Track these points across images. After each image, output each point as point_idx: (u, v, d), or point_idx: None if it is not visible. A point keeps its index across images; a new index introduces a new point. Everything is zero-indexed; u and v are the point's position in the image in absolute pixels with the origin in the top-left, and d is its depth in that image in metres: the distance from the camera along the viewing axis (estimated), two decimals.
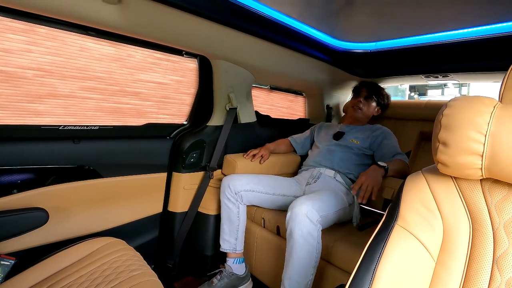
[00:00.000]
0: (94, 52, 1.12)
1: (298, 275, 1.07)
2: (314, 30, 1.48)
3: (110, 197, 1.30)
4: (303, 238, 1.06)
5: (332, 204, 1.21)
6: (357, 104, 1.68)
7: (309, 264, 1.07)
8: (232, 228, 1.36)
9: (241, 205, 1.37)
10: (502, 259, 0.50)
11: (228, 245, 1.36)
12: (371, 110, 1.71)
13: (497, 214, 0.53)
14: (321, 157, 1.55)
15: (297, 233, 1.06)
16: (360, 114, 1.68)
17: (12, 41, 0.95)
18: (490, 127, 0.49)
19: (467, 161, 0.51)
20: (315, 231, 1.08)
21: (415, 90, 10.23)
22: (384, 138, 1.52)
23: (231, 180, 1.36)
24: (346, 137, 1.58)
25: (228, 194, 1.35)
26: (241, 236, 1.38)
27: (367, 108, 1.69)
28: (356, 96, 1.73)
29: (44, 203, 1.09)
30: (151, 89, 1.34)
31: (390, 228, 0.60)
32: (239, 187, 1.34)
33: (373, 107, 1.71)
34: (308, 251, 1.07)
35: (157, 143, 1.42)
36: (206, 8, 1.07)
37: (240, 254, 1.39)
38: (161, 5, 0.97)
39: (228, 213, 1.37)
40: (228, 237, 1.37)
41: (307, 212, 1.07)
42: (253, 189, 1.36)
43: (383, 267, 0.55)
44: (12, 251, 1.02)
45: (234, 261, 1.36)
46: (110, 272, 0.92)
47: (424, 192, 0.61)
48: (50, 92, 1.07)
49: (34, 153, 1.08)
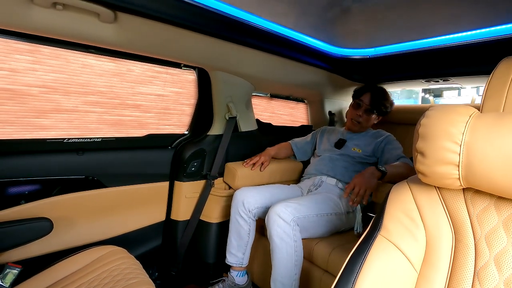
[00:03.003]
0: (95, 68, 1.18)
1: (281, 275, 1.10)
2: (311, 38, 1.49)
3: (114, 206, 1.34)
4: (279, 237, 1.10)
5: (314, 207, 1.21)
6: (356, 118, 1.57)
7: (290, 264, 1.10)
8: (240, 243, 1.34)
9: (252, 222, 1.35)
10: (482, 271, 0.49)
11: (235, 260, 1.34)
12: (371, 122, 1.60)
13: (478, 224, 0.52)
14: (322, 165, 1.53)
15: (273, 234, 1.11)
16: (357, 128, 1.59)
17: (18, 61, 1.01)
18: (464, 137, 0.49)
19: (444, 171, 0.51)
20: (290, 230, 1.10)
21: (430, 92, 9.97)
22: (387, 143, 1.49)
23: (245, 197, 1.32)
24: (348, 145, 1.56)
25: (242, 211, 1.32)
26: (248, 251, 1.36)
27: (367, 122, 1.58)
28: (356, 106, 1.58)
29: (50, 213, 1.14)
30: (152, 101, 1.39)
31: (373, 239, 0.60)
32: (253, 205, 1.32)
33: (373, 118, 1.59)
34: (287, 251, 1.10)
35: (159, 153, 1.46)
36: (201, 23, 1.10)
37: (244, 268, 1.37)
38: (156, 22, 1.02)
39: (238, 228, 1.34)
40: (236, 252, 1.34)
41: (280, 212, 1.12)
42: (267, 205, 1.33)
43: (363, 278, 0.55)
44: (19, 259, 1.07)
45: (238, 274, 1.35)
46: (108, 280, 0.95)
47: (407, 202, 0.61)
48: (54, 107, 1.13)
49: (40, 165, 1.14)
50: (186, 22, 1.06)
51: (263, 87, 1.75)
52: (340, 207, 1.29)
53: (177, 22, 1.04)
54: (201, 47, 1.22)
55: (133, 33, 1.05)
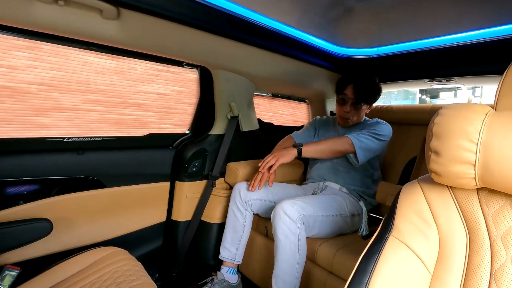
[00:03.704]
0: (96, 66, 1.16)
1: (283, 273, 1.10)
2: (314, 37, 1.48)
3: (114, 206, 1.32)
4: (284, 235, 1.10)
5: (320, 207, 1.20)
6: (344, 115, 1.45)
7: (293, 261, 1.10)
8: (235, 237, 1.35)
9: (248, 214, 1.36)
10: (499, 273, 0.48)
11: (228, 254, 1.35)
12: (362, 114, 1.49)
13: (494, 225, 0.51)
14: (324, 171, 1.50)
15: (278, 231, 1.11)
16: (350, 123, 1.48)
17: (17, 58, 0.99)
18: (481, 136, 0.48)
19: (460, 170, 0.50)
20: (295, 228, 1.10)
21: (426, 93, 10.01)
22: (365, 128, 1.40)
23: (242, 188, 1.35)
24: None
25: (238, 202, 1.34)
26: (242, 247, 1.37)
27: (357, 116, 1.46)
28: (341, 102, 1.45)
29: (49, 214, 1.12)
30: (153, 100, 1.37)
31: (384, 240, 0.58)
32: (249, 196, 1.34)
33: (363, 110, 1.47)
34: (291, 248, 1.10)
35: (160, 153, 1.44)
36: (204, 21, 1.09)
37: (236, 265, 1.37)
38: (159, 19, 1.00)
39: (234, 222, 1.36)
40: (229, 246, 1.35)
41: (286, 210, 1.11)
42: (263, 198, 1.35)
43: (376, 279, 0.53)
44: (17, 261, 1.05)
45: (228, 271, 1.35)
46: (110, 282, 0.93)
47: (419, 201, 0.60)
48: (54, 105, 1.11)
49: (39, 165, 1.11)
50: (190, 19, 1.05)
51: (265, 87, 1.74)
52: (345, 209, 1.29)
53: (181, 19, 1.02)
54: (203, 45, 1.21)
55: (136, 30, 1.03)
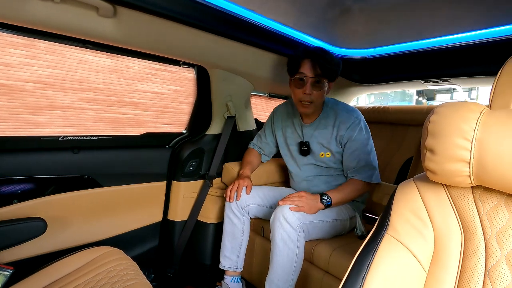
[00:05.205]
0: (92, 64, 1.15)
1: (277, 278, 1.08)
2: (311, 37, 1.49)
3: (110, 206, 1.31)
4: (282, 241, 1.08)
5: (321, 213, 1.19)
6: (305, 98, 1.21)
7: (289, 268, 1.08)
8: (234, 244, 1.32)
9: (246, 220, 1.33)
10: (494, 270, 0.49)
11: (229, 263, 1.31)
12: (324, 95, 1.26)
13: (488, 223, 0.51)
14: (303, 186, 1.40)
15: (277, 236, 1.09)
16: (312, 109, 1.25)
17: (13, 56, 0.98)
18: (476, 134, 0.48)
19: (455, 168, 0.50)
20: (295, 236, 1.08)
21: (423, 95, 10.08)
22: (349, 139, 1.25)
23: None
24: (314, 151, 1.33)
25: (234, 208, 1.31)
26: (242, 253, 1.34)
27: (320, 97, 1.23)
28: (299, 84, 1.22)
29: (43, 213, 1.11)
30: (150, 99, 1.37)
31: (380, 238, 0.58)
32: (245, 201, 1.31)
33: (325, 89, 1.24)
34: (288, 255, 1.08)
35: (156, 152, 1.44)
36: (201, 20, 1.09)
37: (238, 273, 1.34)
38: (157, 18, 1.00)
39: (232, 228, 1.32)
40: (230, 254, 1.32)
41: (287, 216, 1.09)
42: (259, 203, 1.34)
43: (371, 278, 0.53)
44: (10, 261, 1.04)
45: (232, 280, 1.32)
46: (105, 282, 0.92)
47: (414, 200, 0.60)
48: (50, 103, 1.10)
49: (34, 164, 1.10)
50: (187, 18, 1.04)
51: (262, 87, 1.74)
52: (343, 213, 1.28)
53: (178, 18, 1.02)
54: (201, 45, 1.21)
55: (133, 28, 1.03)
